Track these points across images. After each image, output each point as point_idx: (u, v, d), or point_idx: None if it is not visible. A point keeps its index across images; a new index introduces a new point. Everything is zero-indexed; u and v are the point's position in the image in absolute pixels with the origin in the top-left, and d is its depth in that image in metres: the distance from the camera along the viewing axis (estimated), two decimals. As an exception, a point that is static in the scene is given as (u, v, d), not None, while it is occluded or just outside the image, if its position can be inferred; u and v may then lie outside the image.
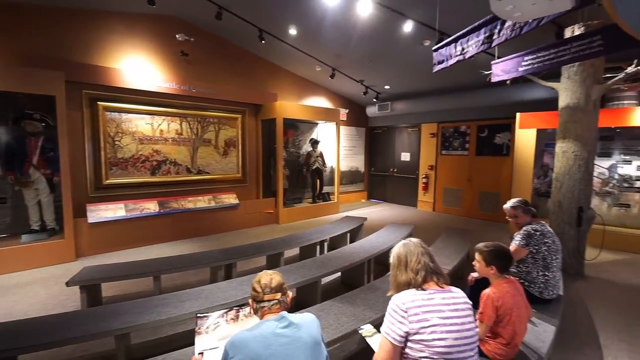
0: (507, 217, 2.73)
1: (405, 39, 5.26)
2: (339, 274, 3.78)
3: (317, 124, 8.14)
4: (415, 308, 1.25)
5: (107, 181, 5.22)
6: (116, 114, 5.26)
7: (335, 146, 8.06)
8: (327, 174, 8.28)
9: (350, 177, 9.56)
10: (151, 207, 5.39)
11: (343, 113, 8.72)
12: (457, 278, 3.54)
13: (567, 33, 3.87)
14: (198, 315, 1.65)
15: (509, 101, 6.49)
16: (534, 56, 3.48)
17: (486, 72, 4.23)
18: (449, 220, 7.25)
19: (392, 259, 1.47)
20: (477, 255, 1.94)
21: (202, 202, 5.99)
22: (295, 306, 3.12)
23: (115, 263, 3.41)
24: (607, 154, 5.41)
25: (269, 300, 1.31)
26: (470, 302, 1.35)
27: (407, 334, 1.23)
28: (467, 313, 1.29)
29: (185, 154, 6.10)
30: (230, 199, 6.37)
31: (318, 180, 7.91)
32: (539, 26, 2.64)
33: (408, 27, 4.79)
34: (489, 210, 7.32)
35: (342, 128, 8.56)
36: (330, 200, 7.96)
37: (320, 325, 1.37)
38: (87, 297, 2.88)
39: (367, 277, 3.72)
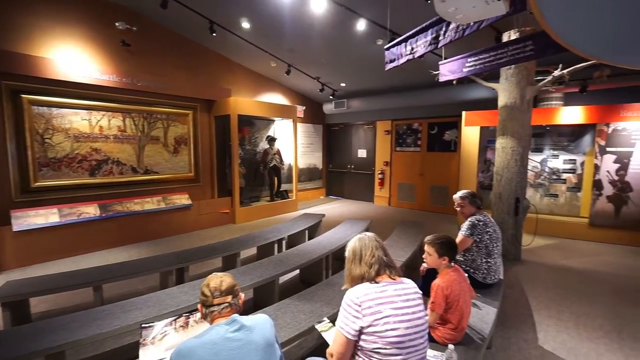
0: (455, 206, 2.91)
1: (359, 38, 5.35)
2: (297, 271, 3.75)
3: (273, 120, 8.00)
4: (369, 301, 1.26)
5: (37, 184, 4.65)
6: (45, 108, 4.69)
7: (293, 143, 8.01)
8: (285, 172, 8.19)
9: (308, 174, 9.56)
10: (91, 211, 4.91)
11: (300, 110, 8.68)
12: (410, 269, 3.69)
13: (505, 38, 4.20)
14: (142, 325, 1.53)
15: (455, 100, 6.91)
16: (476, 58, 3.72)
17: (434, 72, 4.44)
18: (403, 214, 7.55)
19: (347, 253, 1.48)
20: (428, 248, 2.00)
21: (150, 204, 5.60)
22: (253, 307, 3.05)
23: (47, 275, 3.05)
24: (539, 149, 5.99)
25: (219, 304, 1.24)
26: (421, 292, 1.40)
27: (362, 328, 1.24)
28: (417, 302, 1.33)
29: (130, 152, 5.64)
30: (182, 199, 6.04)
31: (276, 178, 7.79)
32: (480, 29, 2.83)
33: (361, 25, 4.87)
34: (439, 203, 7.75)
35: (299, 125, 8.51)
36: (289, 197, 7.89)
37: (276, 325, 1.34)
38: (11, 315, 2.55)
39: (326, 273, 3.74)
